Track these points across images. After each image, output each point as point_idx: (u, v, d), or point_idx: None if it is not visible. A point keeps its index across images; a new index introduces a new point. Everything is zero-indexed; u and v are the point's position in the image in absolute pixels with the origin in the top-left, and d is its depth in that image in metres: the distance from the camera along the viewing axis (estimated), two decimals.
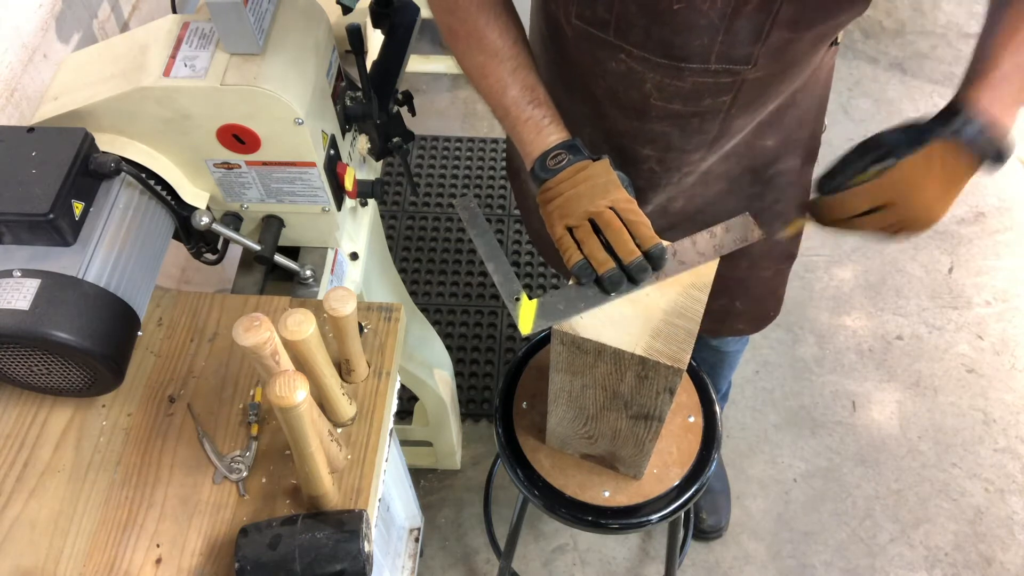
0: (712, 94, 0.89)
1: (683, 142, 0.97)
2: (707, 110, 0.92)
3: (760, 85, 0.90)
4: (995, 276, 2.26)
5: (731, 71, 0.86)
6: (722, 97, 0.90)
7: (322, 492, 0.78)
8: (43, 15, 1.04)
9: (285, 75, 0.86)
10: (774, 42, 0.83)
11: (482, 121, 2.64)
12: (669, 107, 0.92)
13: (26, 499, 0.82)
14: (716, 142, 0.98)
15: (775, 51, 0.84)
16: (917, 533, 1.84)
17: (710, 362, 1.52)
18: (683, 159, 1.00)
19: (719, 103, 0.91)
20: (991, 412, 2.02)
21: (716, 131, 0.95)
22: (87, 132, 0.83)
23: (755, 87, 0.90)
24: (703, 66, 0.85)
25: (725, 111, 0.92)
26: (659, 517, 1.06)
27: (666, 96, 0.90)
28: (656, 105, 0.92)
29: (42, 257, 0.80)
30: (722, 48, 0.83)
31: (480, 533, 1.84)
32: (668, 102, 0.91)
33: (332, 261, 1.08)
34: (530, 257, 2.30)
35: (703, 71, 0.86)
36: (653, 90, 0.90)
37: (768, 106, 0.96)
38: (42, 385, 0.84)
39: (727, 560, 1.81)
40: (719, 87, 0.88)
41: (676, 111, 0.92)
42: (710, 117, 0.93)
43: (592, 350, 0.82)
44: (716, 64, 0.85)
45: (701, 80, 0.87)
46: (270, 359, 0.73)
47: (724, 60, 0.85)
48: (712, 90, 0.89)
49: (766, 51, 0.84)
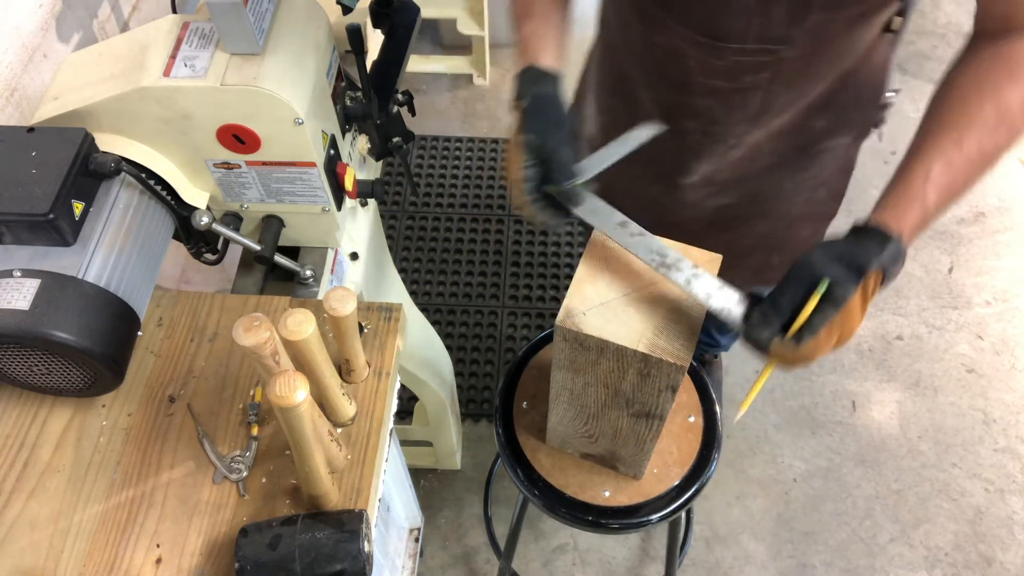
0: (752, 71, 0.94)
1: (726, 116, 1.01)
2: (748, 86, 0.96)
3: (799, 63, 0.93)
4: (995, 276, 2.26)
5: (768, 50, 0.90)
6: (762, 74, 0.94)
7: (322, 492, 0.78)
8: (43, 15, 1.04)
9: (285, 75, 0.86)
10: (810, 24, 0.86)
11: (482, 121, 2.64)
12: (711, 83, 0.97)
13: (26, 499, 0.82)
14: (759, 117, 1.01)
15: (811, 32, 0.88)
16: (917, 533, 1.84)
17: None
18: (727, 132, 1.03)
19: (759, 79, 0.95)
20: (991, 412, 2.02)
21: (758, 106, 0.99)
22: (87, 132, 0.83)
23: (794, 65, 0.93)
24: (740, 45, 0.90)
25: (766, 87, 0.96)
26: (659, 517, 1.06)
27: (708, 73, 0.96)
28: (699, 81, 0.97)
29: (42, 257, 0.80)
30: (759, 29, 0.88)
31: (480, 533, 1.84)
32: (710, 78, 0.96)
33: (332, 261, 1.08)
34: (530, 257, 2.30)
35: (741, 50, 0.91)
36: (696, 66, 0.96)
37: (814, 85, 0.98)
38: (42, 385, 0.84)
39: (727, 560, 1.81)
40: (758, 65, 0.93)
41: (718, 87, 0.97)
42: (751, 93, 0.97)
43: (595, 347, 0.82)
44: (753, 44, 0.90)
45: (740, 59, 0.92)
46: (270, 359, 0.73)
47: (761, 40, 0.89)
48: (751, 68, 0.93)
49: (802, 32, 0.88)
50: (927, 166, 0.78)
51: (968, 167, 0.78)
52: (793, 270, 0.75)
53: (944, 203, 0.78)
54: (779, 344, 0.75)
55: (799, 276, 0.74)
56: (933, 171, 0.77)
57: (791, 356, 0.76)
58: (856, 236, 0.77)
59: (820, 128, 1.05)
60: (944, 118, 0.79)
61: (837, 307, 0.73)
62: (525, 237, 2.34)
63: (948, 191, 0.78)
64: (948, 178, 0.77)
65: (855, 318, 0.76)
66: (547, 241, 2.33)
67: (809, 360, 0.76)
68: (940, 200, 0.78)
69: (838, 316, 0.74)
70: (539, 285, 2.25)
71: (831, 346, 0.76)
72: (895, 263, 0.76)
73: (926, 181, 0.77)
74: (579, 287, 0.85)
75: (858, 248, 0.75)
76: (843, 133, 1.08)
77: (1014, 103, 0.77)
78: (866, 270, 0.74)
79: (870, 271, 0.74)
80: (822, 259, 0.74)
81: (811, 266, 0.74)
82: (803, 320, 0.73)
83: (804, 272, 0.74)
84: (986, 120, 0.77)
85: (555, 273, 2.27)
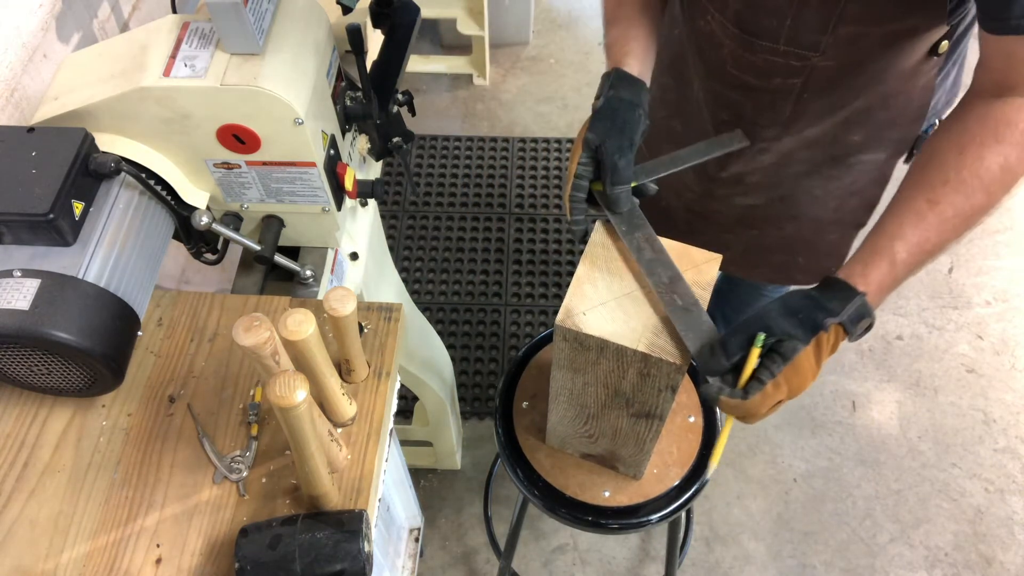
0: (782, 74, 0.96)
1: (756, 115, 1.04)
2: (778, 89, 0.98)
3: (832, 74, 0.94)
4: (995, 276, 2.26)
5: (799, 55, 0.93)
6: (792, 79, 0.96)
7: (322, 492, 0.78)
8: (43, 15, 1.04)
9: (285, 75, 0.86)
10: (842, 34, 0.88)
11: (482, 121, 2.64)
12: (742, 77, 1.00)
13: (26, 499, 0.82)
14: (791, 125, 1.03)
15: (844, 43, 0.89)
16: (917, 533, 1.84)
17: (741, 300, 1.53)
18: (757, 133, 1.05)
19: (790, 84, 0.97)
20: (991, 412, 2.02)
21: (789, 112, 1.01)
22: (87, 132, 0.83)
23: (826, 75, 0.95)
24: (772, 45, 0.93)
25: (797, 94, 0.98)
26: (659, 517, 1.06)
27: (740, 66, 0.99)
28: (731, 72, 1.00)
29: (42, 257, 0.79)
30: (790, 32, 0.90)
31: (480, 533, 1.84)
32: (742, 72, 0.99)
33: (332, 261, 1.08)
34: (531, 255, 2.30)
35: (772, 50, 0.94)
36: (729, 57, 0.99)
37: (848, 99, 0.98)
38: (42, 385, 0.84)
39: (727, 560, 1.81)
40: (789, 69, 0.95)
41: (749, 83, 1.00)
42: (782, 97, 0.99)
43: (595, 346, 0.82)
44: (785, 46, 0.92)
45: (771, 59, 0.95)
46: (270, 359, 0.73)
47: (792, 44, 0.92)
48: (782, 70, 0.96)
49: (834, 42, 0.89)
50: (899, 223, 0.78)
51: (941, 228, 0.77)
52: (746, 319, 0.76)
53: (916, 262, 0.79)
54: (727, 398, 0.76)
55: (749, 325, 0.75)
56: (906, 230, 0.78)
57: (738, 408, 0.77)
58: (822, 290, 0.78)
59: (855, 142, 1.05)
60: (922, 178, 0.80)
61: (785, 362, 0.74)
62: (526, 235, 2.34)
63: (920, 250, 0.78)
64: (920, 237, 0.77)
65: (805, 374, 0.76)
66: (548, 239, 2.33)
67: (757, 412, 0.77)
68: (911, 259, 0.78)
69: (786, 370, 0.75)
70: (541, 283, 2.25)
71: (779, 399, 0.77)
72: (858, 321, 0.76)
73: (898, 239, 0.77)
74: (579, 287, 0.85)
75: (818, 303, 0.76)
76: (879, 149, 1.08)
77: (994, 167, 0.76)
78: (820, 328, 0.74)
79: (824, 330, 0.75)
80: (777, 313, 0.75)
81: (761, 319, 0.75)
82: (748, 373, 0.75)
83: (753, 323, 0.75)
84: (964, 182, 0.77)
85: (557, 271, 2.27)
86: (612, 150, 0.86)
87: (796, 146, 1.06)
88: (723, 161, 1.10)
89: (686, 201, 1.24)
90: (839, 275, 0.78)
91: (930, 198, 0.77)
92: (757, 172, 1.12)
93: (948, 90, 1.06)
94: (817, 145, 1.06)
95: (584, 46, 2.86)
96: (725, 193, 1.18)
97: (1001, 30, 0.76)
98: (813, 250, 1.25)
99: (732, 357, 0.75)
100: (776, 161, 1.09)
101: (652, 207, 1.25)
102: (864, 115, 1.01)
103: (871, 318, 0.77)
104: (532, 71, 2.79)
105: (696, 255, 0.88)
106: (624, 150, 0.86)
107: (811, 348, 0.75)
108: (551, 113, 2.67)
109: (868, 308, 0.76)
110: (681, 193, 1.24)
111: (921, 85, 0.98)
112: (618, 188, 0.87)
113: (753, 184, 1.15)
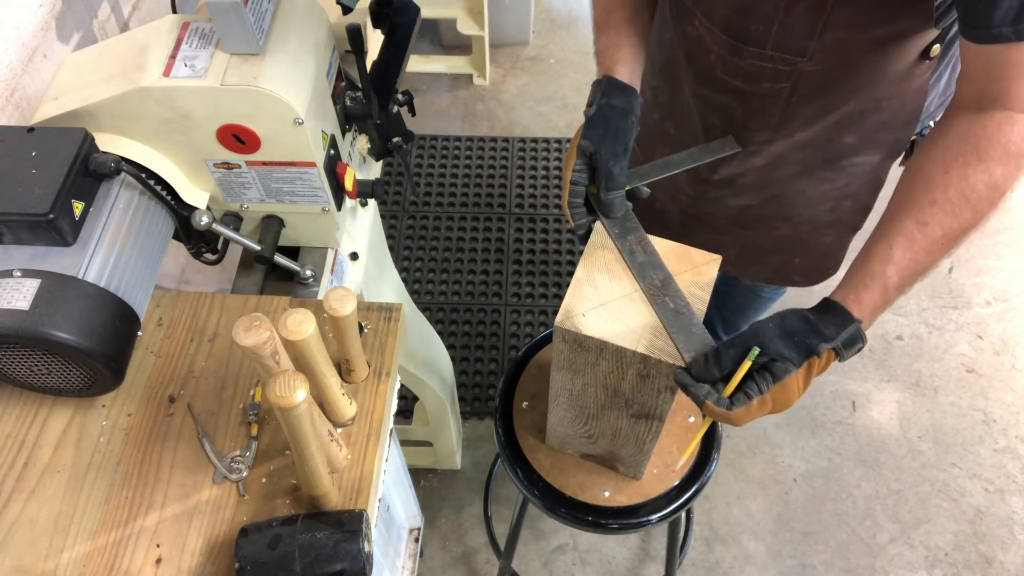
0: (770, 79, 0.96)
1: (746, 119, 1.04)
2: (767, 93, 0.98)
3: (820, 78, 0.94)
4: (995, 276, 2.26)
5: (787, 60, 0.93)
6: (780, 84, 0.96)
7: (322, 492, 0.78)
8: (43, 15, 1.04)
9: (285, 75, 0.86)
10: (829, 39, 0.88)
11: (482, 121, 2.64)
12: (732, 82, 1.00)
13: (26, 499, 0.82)
14: (782, 128, 1.03)
15: (831, 48, 0.89)
16: (917, 533, 1.84)
17: (739, 302, 1.54)
18: (747, 137, 1.06)
19: (778, 88, 0.97)
20: (991, 412, 2.02)
21: (779, 116, 1.01)
22: (87, 132, 0.83)
23: (814, 79, 0.95)
24: (760, 50, 0.93)
25: (785, 98, 0.98)
26: (659, 517, 1.06)
27: (729, 71, 0.99)
28: (720, 77, 1.00)
29: (42, 257, 0.79)
30: (777, 38, 0.90)
31: (480, 533, 1.84)
32: (731, 77, 0.99)
33: (332, 261, 1.08)
34: (531, 255, 2.30)
35: (760, 55, 0.94)
36: (718, 62, 0.99)
37: (839, 103, 0.98)
38: (42, 385, 0.84)
39: (727, 560, 1.81)
40: (777, 73, 0.95)
41: (738, 87, 1.00)
42: (771, 101, 0.99)
43: (594, 348, 0.82)
44: (772, 51, 0.92)
45: (759, 64, 0.95)
46: (270, 359, 0.73)
47: (780, 49, 0.92)
48: (770, 75, 0.96)
49: (822, 47, 0.89)
50: (889, 245, 0.79)
51: (931, 248, 0.78)
52: (743, 334, 0.77)
53: (907, 284, 0.80)
54: (712, 403, 0.77)
55: (745, 340, 0.76)
56: (896, 252, 0.78)
57: (722, 415, 0.78)
58: (819, 313, 0.79)
59: (848, 144, 1.05)
60: (910, 198, 0.80)
61: (775, 381, 0.76)
62: (526, 235, 2.34)
63: (910, 272, 0.79)
64: (910, 259, 0.78)
65: (792, 393, 0.78)
66: (548, 239, 2.33)
67: (739, 422, 0.79)
68: (902, 281, 0.79)
69: (775, 389, 0.77)
70: (541, 283, 2.25)
71: (763, 414, 0.79)
72: (851, 346, 0.78)
73: (890, 263, 0.78)
74: (578, 288, 0.85)
75: (814, 328, 0.77)
76: (872, 152, 1.08)
77: (979, 185, 0.77)
78: (813, 353, 0.76)
79: (817, 356, 0.76)
80: (774, 332, 0.77)
81: (758, 336, 0.76)
82: (734, 385, 0.77)
83: (750, 339, 0.76)
84: (951, 201, 0.77)
85: (557, 271, 2.27)
86: (607, 157, 0.88)
87: (788, 149, 1.06)
88: (715, 164, 1.11)
89: (681, 203, 1.25)
90: (834, 298, 0.80)
91: (919, 219, 0.78)
92: (749, 174, 1.13)
93: (941, 92, 1.06)
94: (809, 147, 1.06)
95: (584, 46, 2.86)
96: (718, 195, 1.18)
97: (983, 38, 0.76)
98: (809, 251, 1.26)
99: (724, 370, 0.77)
100: (768, 163, 1.10)
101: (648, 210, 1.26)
102: (856, 118, 1.01)
103: (863, 343, 0.79)
104: (532, 71, 2.79)
105: (696, 256, 0.88)
106: (618, 156, 0.88)
107: (802, 370, 0.77)
108: (551, 113, 2.67)
109: (861, 333, 0.78)
110: (675, 196, 1.24)
111: (914, 88, 0.98)
112: (612, 193, 0.89)
113: (746, 186, 1.15)
